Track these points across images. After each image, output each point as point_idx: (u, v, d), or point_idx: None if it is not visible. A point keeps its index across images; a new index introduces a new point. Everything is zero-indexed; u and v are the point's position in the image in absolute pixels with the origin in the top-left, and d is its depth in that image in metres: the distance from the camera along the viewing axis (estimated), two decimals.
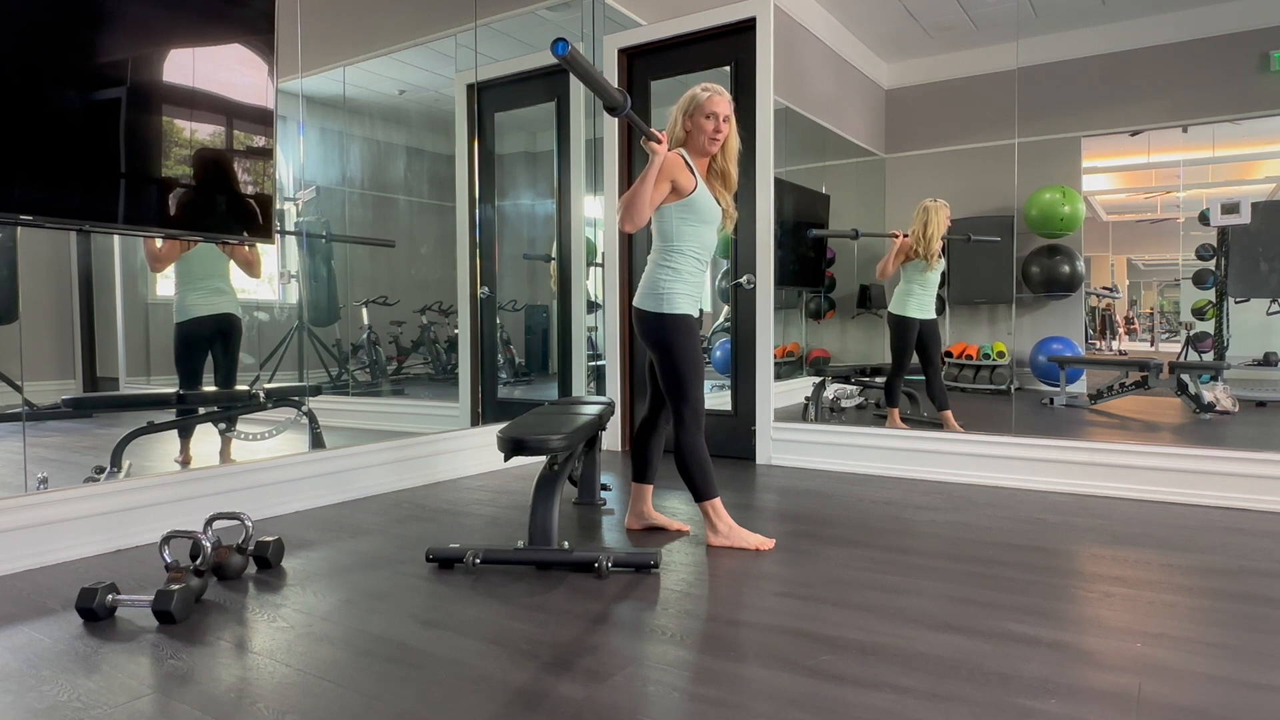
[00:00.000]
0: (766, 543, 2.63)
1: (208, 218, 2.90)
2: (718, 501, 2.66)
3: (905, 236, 4.17)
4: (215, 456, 3.30)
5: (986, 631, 1.89)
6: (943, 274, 4.27)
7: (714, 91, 2.60)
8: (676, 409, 2.63)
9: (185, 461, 3.19)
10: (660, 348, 2.61)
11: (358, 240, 4.18)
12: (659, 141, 2.46)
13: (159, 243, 3.14)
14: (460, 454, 3.96)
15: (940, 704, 1.53)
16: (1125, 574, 2.31)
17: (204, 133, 2.85)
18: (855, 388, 4.67)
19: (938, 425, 4.01)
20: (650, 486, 2.89)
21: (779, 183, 4.22)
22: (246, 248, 3.33)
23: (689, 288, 2.62)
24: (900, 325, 4.21)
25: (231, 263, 3.34)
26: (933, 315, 4.19)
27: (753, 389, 4.24)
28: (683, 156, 2.58)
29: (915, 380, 4.27)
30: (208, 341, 3.32)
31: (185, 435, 3.25)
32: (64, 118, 2.45)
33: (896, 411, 4.22)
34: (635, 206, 2.45)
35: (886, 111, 4.81)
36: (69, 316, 3.08)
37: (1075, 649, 1.78)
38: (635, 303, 2.66)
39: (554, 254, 4.93)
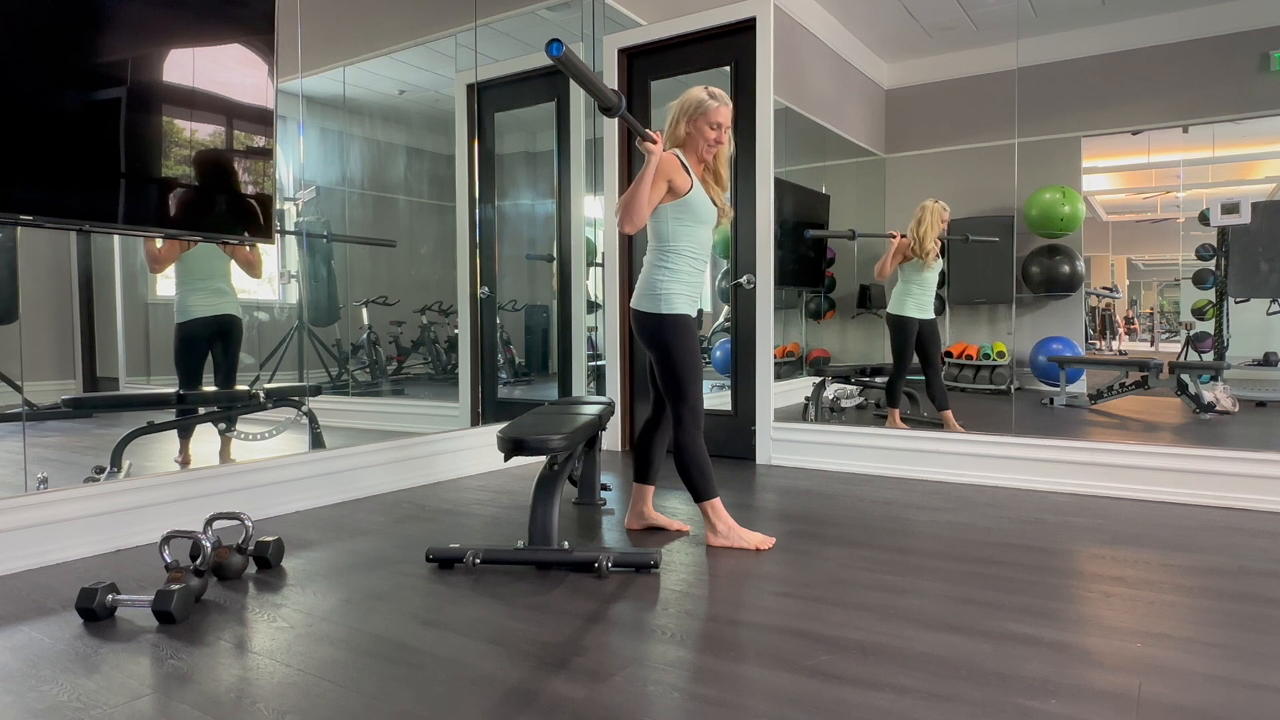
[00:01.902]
0: (766, 541, 2.63)
1: (207, 218, 2.90)
2: (717, 502, 2.66)
3: (903, 237, 4.18)
4: (215, 456, 3.30)
5: (986, 631, 1.89)
6: (942, 274, 4.27)
7: (721, 101, 2.60)
8: (675, 409, 2.63)
9: (184, 461, 3.19)
10: (658, 348, 2.61)
11: (359, 240, 4.18)
12: (654, 141, 2.45)
13: (159, 243, 3.14)
14: (460, 454, 3.96)
15: (940, 704, 1.53)
16: (1125, 574, 2.31)
17: (204, 133, 2.84)
18: (855, 388, 4.67)
19: (938, 425, 4.01)
20: (651, 487, 2.89)
21: (779, 183, 4.22)
22: (248, 248, 3.33)
23: (686, 288, 2.62)
24: (899, 325, 4.22)
25: (232, 263, 3.34)
26: (931, 315, 4.19)
27: (753, 389, 4.24)
28: (678, 157, 2.58)
29: (915, 380, 4.27)
30: (208, 342, 3.32)
31: (185, 435, 3.25)
32: (64, 118, 2.45)
33: (897, 412, 4.22)
34: (634, 208, 2.45)
35: (886, 111, 4.81)
36: (69, 316, 3.08)
37: (1075, 649, 1.78)
38: (633, 304, 2.66)
39: (554, 254, 4.92)
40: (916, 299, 4.17)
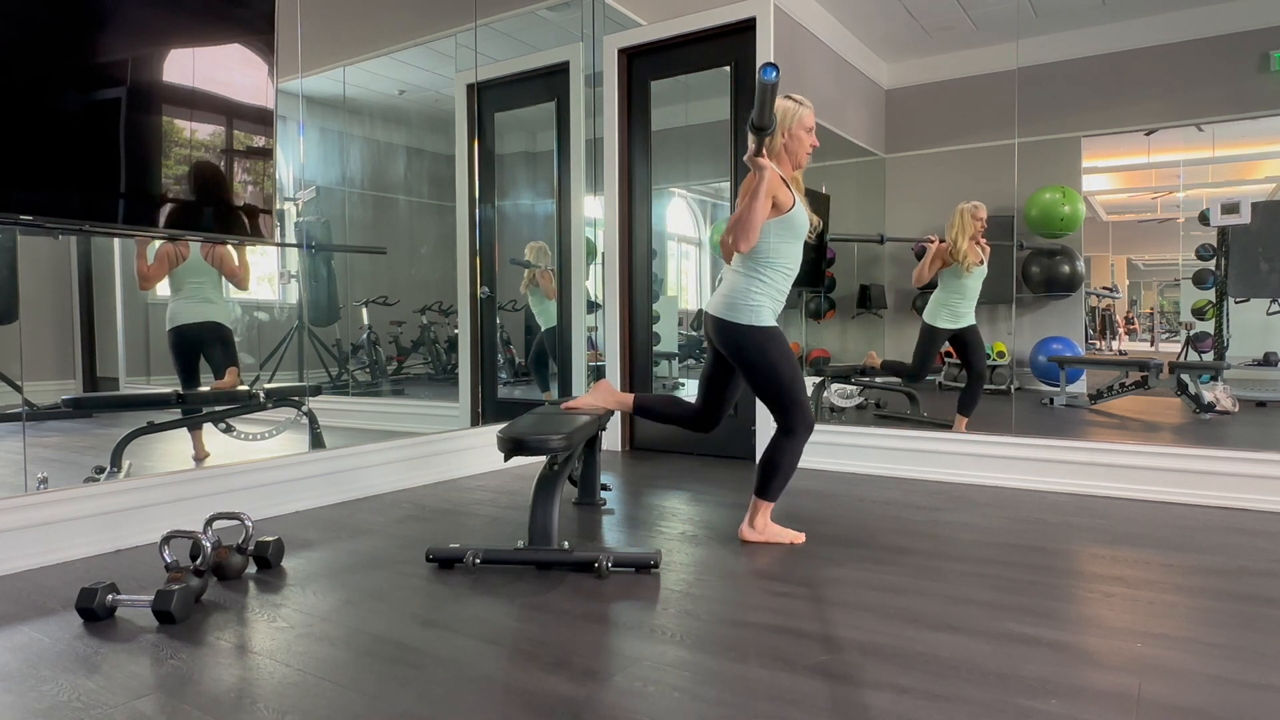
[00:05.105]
0: (798, 537, 2.68)
1: (207, 218, 2.90)
2: (771, 505, 2.69)
3: (941, 242, 4.03)
4: (218, 456, 3.30)
5: (986, 631, 1.89)
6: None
7: (809, 105, 2.62)
8: (786, 417, 2.61)
9: (201, 457, 3.21)
10: (757, 362, 2.58)
11: (348, 249, 4.17)
12: (764, 157, 2.41)
13: (150, 258, 3.18)
14: (460, 454, 3.95)
15: (940, 704, 1.53)
16: (1125, 574, 2.31)
17: (204, 133, 2.84)
18: (855, 388, 4.66)
19: (945, 426, 3.95)
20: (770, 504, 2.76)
21: None
22: (234, 260, 3.37)
23: (774, 302, 2.60)
24: (925, 333, 4.09)
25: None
26: (967, 323, 4.03)
27: None
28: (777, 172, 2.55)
29: (921, 383, 4.26)
30: (198, 346, 3.36)
31: (195, 430, 3.28)
32: (64, 118, 2.45)
33: (964, 420, 4.00)
34: (749, 226, 2.44)
35: (886, 111, 4.81)
36: (69, 316, 3.09)
37: (1075, 649, 1.78)
38: (716, 312, 2.61)
39: (529, 260, 4.92)
40: (951, 308, 4.02)
